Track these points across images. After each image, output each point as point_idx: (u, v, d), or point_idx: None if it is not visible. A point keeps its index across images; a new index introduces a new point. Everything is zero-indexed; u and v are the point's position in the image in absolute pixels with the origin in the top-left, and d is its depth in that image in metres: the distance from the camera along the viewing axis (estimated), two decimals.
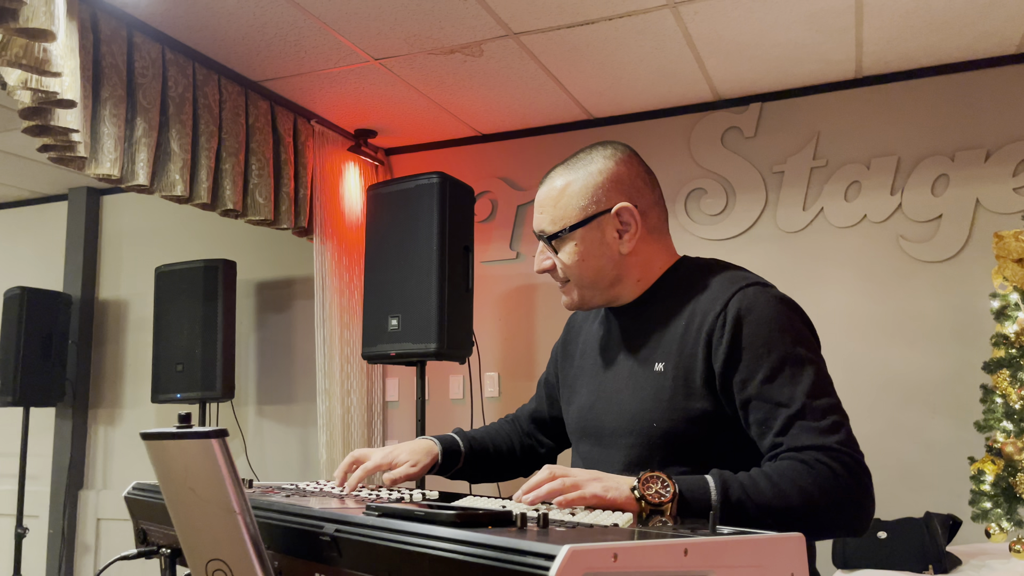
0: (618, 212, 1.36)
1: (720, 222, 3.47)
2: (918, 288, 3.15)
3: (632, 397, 1.33)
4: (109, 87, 2.64)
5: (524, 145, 3.84)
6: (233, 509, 0.86)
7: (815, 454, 1.14)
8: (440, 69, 3.18)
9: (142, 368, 4.30)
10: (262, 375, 4.14)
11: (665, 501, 1.06)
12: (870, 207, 3.24)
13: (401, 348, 2.99)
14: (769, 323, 1.24)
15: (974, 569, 2.51)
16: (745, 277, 1.34)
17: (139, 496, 1.23)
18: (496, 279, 3.80)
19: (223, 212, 3.15)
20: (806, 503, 1.12)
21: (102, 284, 4.57)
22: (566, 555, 0.62)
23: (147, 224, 4.48)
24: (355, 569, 0.83)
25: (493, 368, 3.75)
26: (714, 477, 1.13)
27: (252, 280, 4.19)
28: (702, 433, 1.26)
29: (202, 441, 0.86)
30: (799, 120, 3.39)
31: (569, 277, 1.40)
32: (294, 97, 3.45)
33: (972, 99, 3.15)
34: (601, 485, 1.08)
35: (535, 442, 1.63)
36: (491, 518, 0.80)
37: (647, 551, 0.69)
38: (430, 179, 3.07)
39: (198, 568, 0.90)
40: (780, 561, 0.81)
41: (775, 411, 1.19)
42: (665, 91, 3.41)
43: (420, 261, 3.02)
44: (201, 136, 2.99)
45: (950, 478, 2.95)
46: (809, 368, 1.22)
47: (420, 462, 1.44)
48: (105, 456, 4.41)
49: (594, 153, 1.40)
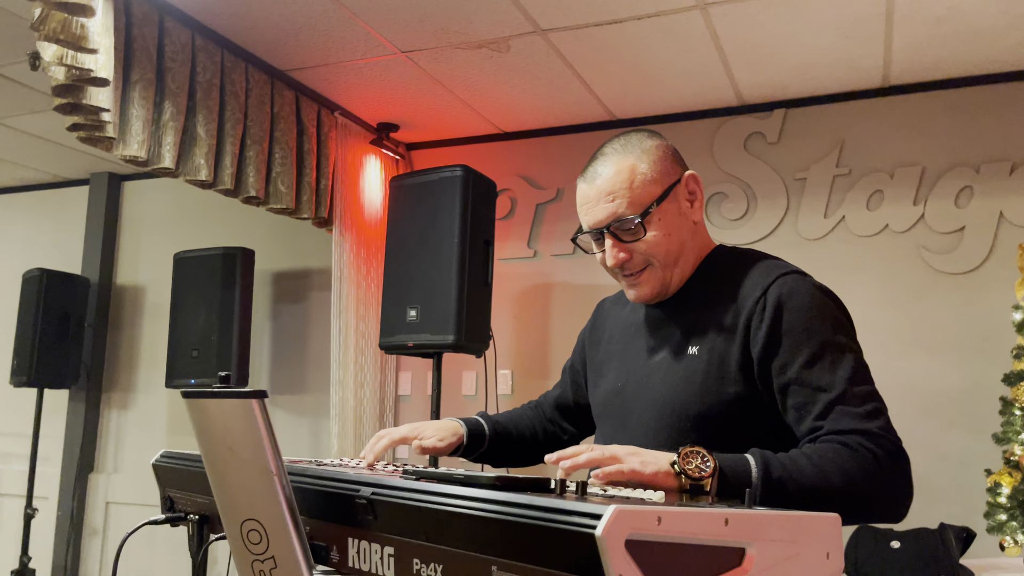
0: (686, 181, 1.38)
1: (740, 227, 3.46)
2: (939, 299, 3.13)
3: (663, 381, 1.32)
4: (139, 70, 2.66)
5: (545, 144, 3.84)
6: (270, 470, 0.87)
7: (857, 438, 1.14)
8: (466, 64, 3.19)
9: (157, 353, 4.32)
10: (275, 364, 4.15)
11: (706, 476, 1.05)
12: (892, 217, 3.23)
13: (419, 339, 2.99)
14: (809, 310, 1.24)
15: None
16: (784, 266, 1.34)
17: (167, 463, 1.24)
18: (513, 277, 3.81)
19: (245, 199, 3.16)
20: (848, 485, 1.11)
21: (120, 269, 4.59)
22: (612, 514, 0.63)
23: (167, 211, 4.51)
24: (390, 532, 0.83)
25: (507, 366, 3.75)
26: (754, 455, 1.13)
27: (269, 270, 4.21)
28: (734, 418, 1.26)
29: (243, 401, 0.86)
30: (823, 127, 3.38)
31: (654, 260, 1.35)
32: (319, 88, 3.47)
33: (999, 111, 3.14)
34: (639, 459, 1.07)
35: (558, 428, 1.63)
36: (531, 483, 0.81)
37: (689, 517, 0.69)
38: (453, 172, 3.08)
39: (233, 528, 0.90)
40: (816, 540, 0.81)
41: (815, 395, 1.19)
42: (690, 94, 3.41)
43: (440, 253, 3.03)
44: (227, 122, 3.01)
45: (965, 491, 2.93)
46: (849, 355, 1.22)
47: (446, 439, 1.44)
48: (117, 440, 4.43)
49: (632, 136, 1.40)
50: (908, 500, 1.16)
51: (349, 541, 0.89)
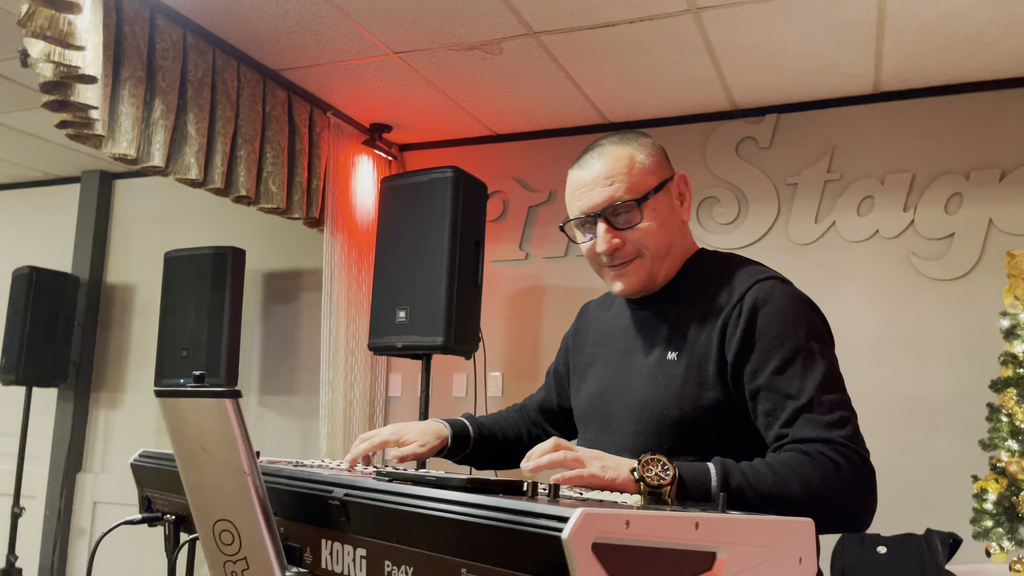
0: (678, 179, 1.39)
1: (731, 231, 3.46)
2: (928, 305, 3.14)
3: (644, 385, 1.32)
4: (129, 67, 2.65)
5: (538, 146, 3.84)
6: (243, 470, 0.86)
7: (819, 446, 1.14)
8: (459, 65, 3.19)
9: (146, 353, 4.30)
10: (265, 365, 4.14)
11: (664, 484, 1.05)
12: (882, 223, 3.23)
13: (408, 340, 2.98)
14: (784, 315, 1.24)
15: None
16: (763, 271, 1.34)
17: (145, 463, 1.23)
18: (504, 279, 3.80)
19: (236, 198, 3.15)
20: (806, 494, 1.11)
21: (110, 267, 4.58)
22: (579, 517, 0.62)
23: (158, 210, 4.49)
24: (362, 534, 0.83)
25: (497, 368, 3.75)
26: (715, 463, 1.13)
27: (259, 270, 4.20)
28: (713, 423, 1.26)
29: (216, 401, 0.86)
30: (815, 133, 3.39)
31: (645, 250, 1.34)
32: (311, 88, 3.47)
33: (989, 118, 3.15)
34: (601, 464, 1.07)
35: (542, 431, 1.63)
36: (502, 486, 0.80)
37: (658, 521, 0.69)
38: (444, 173, 3.08)
39: (205, 528, 0.90)
40: (789, 544, 0.80)
41: (783, 402, 1.19)
42: (683, 98, 3.42)
43: (431, 254, 3.03)
44: (218, 121, 3.00)
45: (952, 496, 2.93)
46: (820, 362, 1.21)
47: (428, 443, 1.44)
48: (105, 440, 4.41)
49: (627, 132, 1.41)
50: (870, 510, 1.16)
51: (322, 542, 0.89)
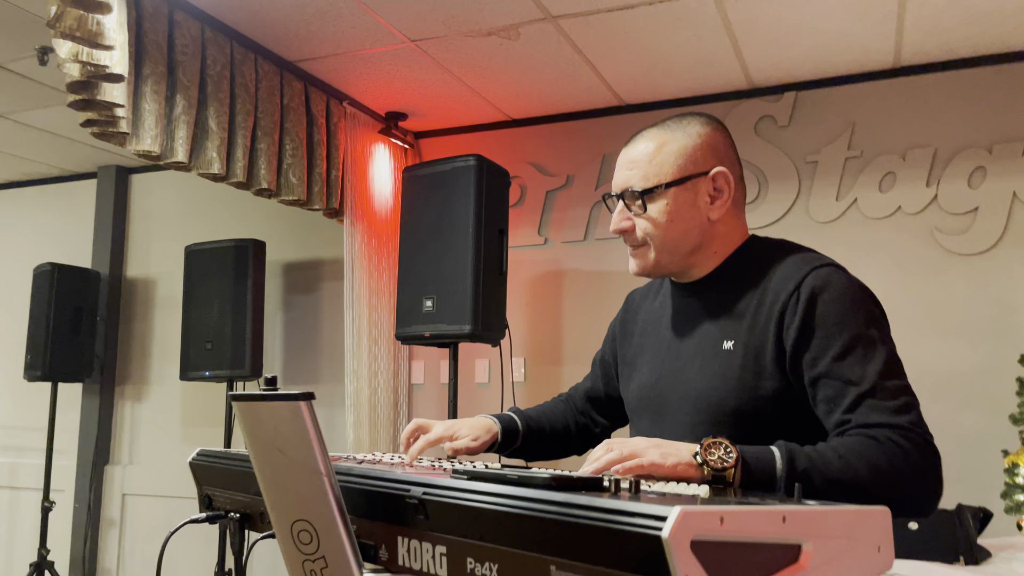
0: (714, 176, 1.36)
1: (752, 211, 3.45)
2: (952, 281, 3.13)
3: (699, 375, 1.32)
4: (151, 64, 2.65)
5: (555, 131, 3.83)
6: (319, 471, 0.87)
7: (886, 432, 1.14)
8: (476, 52, 3.18)
9: (169, 346, 4.33)
10: (289, 355, 4.16)
11: (728, 467, 1.05)
12: (905, 199, 3.22)
13: (435, 329, 3.00)
14: (842, 302, 1.24)
15: (1004, 562, 2.51)
16: (819, 258, 1.33)
17: (204, 462, 1.25)
18: (524, 264, 3.81)
19: (257, 191, 3.16)
20: (875, 479, 1.11)
21: (130, 262, 4.60)
22: (679, 516, 0.63)
23: (175, 203, 4.51)
24: (442, 532, 0.84)
25: (520, 353, 3.76)
26: (779, 447, 1.12)
27: (280, 261, 4.21)
28: (771, 412, 1.26)
29: (291, 403, 0.87)
30: (834, 110, 3.37)
31: (651, 239, 1.36)
32: (327, 78, 3.46)
33: (1011, 91, 3.12)
34: (660, 452, 1.08)
35: (590, 420, 1.64)
36: (584, 483, 0.81)
37: (750, 516, 0.70)
38: (467, 161, 3.07)
39: (283, 528, 0.91)
40: (868, 534, 0.81)
41: (845, 389, 1.19)
42: (700, 79, 3.40)
43: (455, 243, 3.03)
44: (238, 115, 3.00)
45: (981, 471, 2.94)
46: (881, 349, 1.22)
47: (480, 438, 1.45)
48: (132, 432, 4.45)
49: (690, 117, 1.40)
50: (937, 495, 1.16)
51: (398, 540, 0.90)
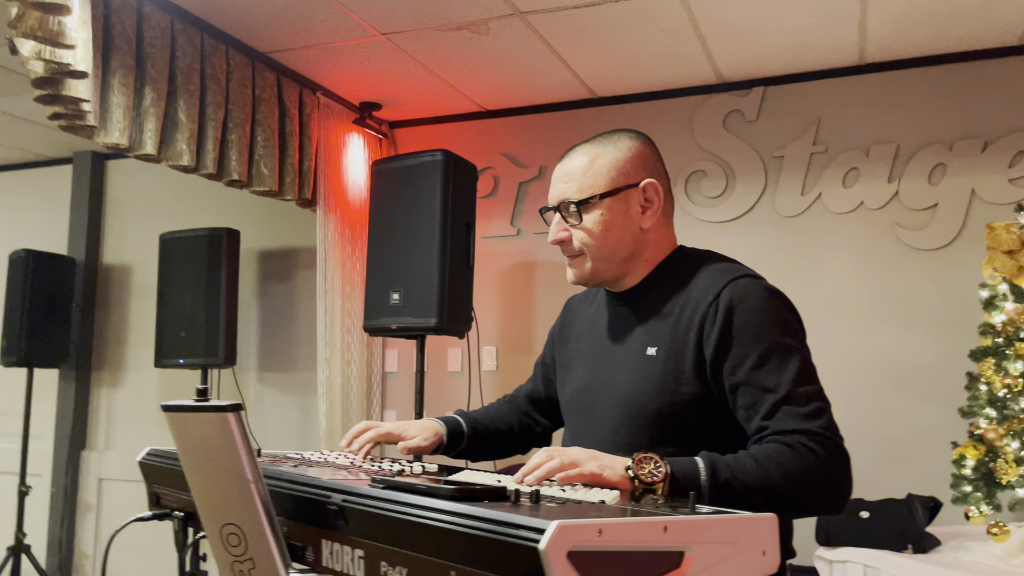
0: (644, 187, 1.43)
1: (719, 205, 3.51)
2: (912, 275, 3.20)
3: (626, 379, 1.39)
4: (119, 57, 2.67)
5: (528, 122, 3.87)
6: (247, 477, 0.92)
7: (799, 437, 1.21)
8: (447, 45, 3.21)
9: (145, 333, 4.36)
10: (264, 343, 4.21)
11: (657, 481, 1.12)
12: (868, 194, 3.28)
13: (402, 322, 3.05)
14: (759, 313, 1.30)
15: (952, 550, 2.59)
16: (738, 269, 1.40)
17: (153, 461, 1.29)
18: (496, 255, 3.85)
19: (228, 182, 3.19)
20: (789, 483, 1.19)
21: (106, 248, 4.62)
22: (555, 529, 0.69)
23: (151, 189, 4.52)
24: (360, 536, 0.89)
25: (491, 342, 3.82)
26: (703, 458, 1.20)
27: (255, 249, 4.24)
28: (690, 416, 1.33)
29: (219, 415, 0.92)
30: (801, 105, 3.42)
31: (587, 249, 1.43)
32: (300, 69, 3.48)
33: (972, 89, 3.18)
34: (598, 464, 1.14)
35: (532, 421, 1.70)
36: (488, 493, 0.87)
37: (629, 527, 0.75)
38: (434, 156, 3.11)
39: (213, 531, 0.96)
40: (753, 539, 0.87)
41: (762, 396, 1.26)
42: (670, 73, 3.44)
43: (423, 237, 3.07)
44: (208, 106, 3.02)
45: (934, 461, 3.02)
46: (795, 357, 1.28)
47: (429, 439, 1.52)
48: (108, 418, 4.49)
49: (619, 133, 1.47)
50: (846, 494, 1.24)
51: (323, 543, 0.95)
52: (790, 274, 3.34)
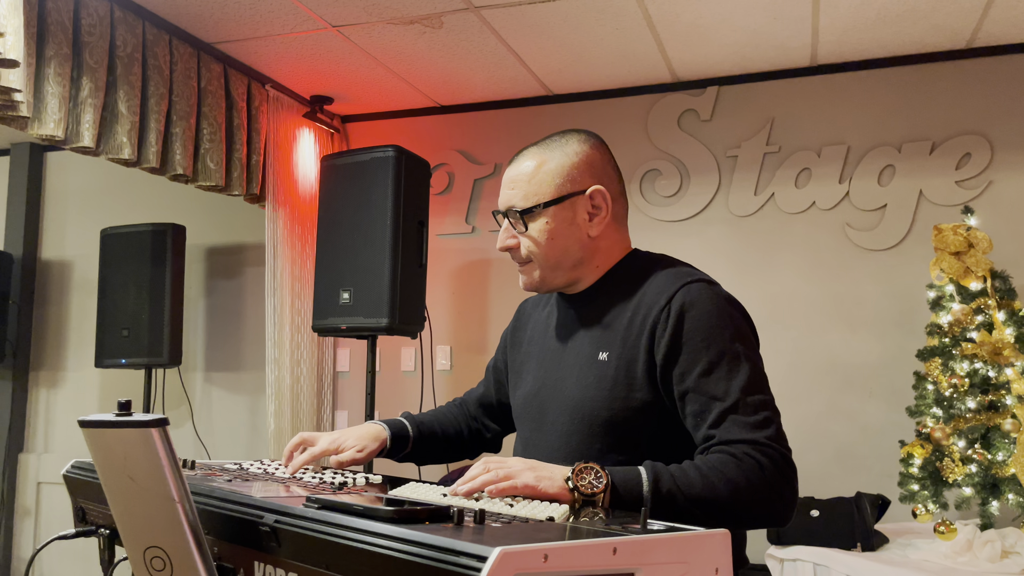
0: (591, 195, 1.40)
1: (673, 204, 3.50)
2: (861, 275, 3.24)
3: (575, 385, 1.35)
4: (54, 45, 2.56)
5: (483, 118, 3.82)
6: (172, 497, 0.87)
7: (744, 448, 1.19)
8: (399, 39, 3.14)
9: (86, 331, 4.21)
10: (211, 342, 4.09)
11: (598, 491, 1.09)
12: (819, 194, 3.31)
13: (352, 322, 2.98)
14: (710, 319, 1.28)
15: (900, 547, 2.63)
16: (691, 273, 1.37)
17: (78, 475, 1.22)
18: (451, 253, 3.80)
19: (172, 177, 3.09)
20: (732, 495, 1.16)
21: (45, 243, 4.45)
22: (497, 557, 0.65)
23: (94, 183, 4.37)
24: (294, 559, 0.84)
25: (445, 341, 3.77)
26: (647, 468, 1.17)
27: (202, 244, 4.12)
28: (642, 423, 1.30)
29: (142, 430, 0.86)
30: (754, 105, 3.43)
31: (534, 256, 1.40)
32: (249, 61, 3.38)
33: (921, 92, 3.22)
34: (534, 475, 1.11)
35: (482, 426, 1.66)
36: (428, 514, 0.82)
37: (577, 551, 0.72)
38: (385, 152, 3.05)
39: (136, 554, 0.90)
40: (705, 557, 0.84)
41: (710, 404, 1.23)
42: (624, 71, 3.42)
43: (373, 235, 3.01)
44: (151, 98, 2.92)
45: (882, 460, 3.06)
46: (746, 364, 1.25)
47: (367, 447, 1.46)
48: (47, 420, 4.33)
49: (569, 136, 1.43)
50: (791, 506, 1.22)
51: (255, 564, 0.90)
52: (743, 273, 3.35)
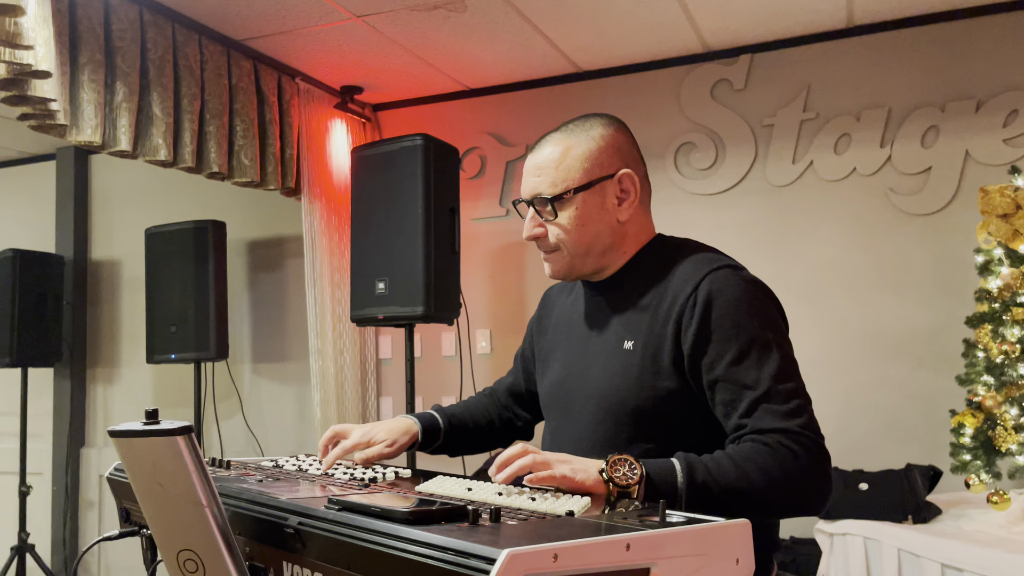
0: (620, 178, 1.37)
1: (709, 176, 3.45)
2: (906, 241, 3.15)
3: (601, 373, 1.35)
4: (87, 52, 2.61)
5: (513, 99, 3.80)
6: (201, 502, 0.89)
7: (778, 437, 1.17)
8: (424, 25, 3.14)
9: (137, 328, 4.33)
10: (256, 334, 4.17)
11: (632, 483, 1.08)
12: (860, 160, 3.22)
13: (389, 311, 3.01)
14: (738, 306, 1.25)
15: (953, 519, 2.57)
16: (717, 259, 1.34)
17: (120, 477, 1.26)
18: (486, 236, 3.80)
19: (209, 175, 3.14)
20: (768, 484, 1.15)
21: (94, 244, 4.57)
22: (505, 559, 0.65)
23: (137, 182, 4.46)
24: (318, 560, 0.86)
25: (485, 325, 3.78)
26: (680, 460, 1.16)
27: (244, 239, 4.19)
28: (669, 411, 1.28)
29: (168, 439, 0.88)
30: (789, 72, 3.35)
31: (563, 244, 1.38)
32: (277, 55, 3.41)
33: (963, 48, 3.10)
34: (570, 467, 1.11)
35: (512, 415, 1.66)
36: (445, 514, 0.83)
37: (588, 549, 0.72)
38: (414, 141, 3.05)
39: (169, 557, 0.93)
40: (725, 548, 0.84)
41: (741, 393, 1.21)
42: (654, 43, 3.36)
43: (406, 224, 3.02)
44: (183, 99, 2.96)
45: (933, 429, 2.99)
46: (776, 352, 1.23)
47: (398, 441, 1.47)
48: (105, 414, 4.48)
49: (591, 120, 1.40)
50: (827, 494, 1.20)
51: (284, 564, 0.92)
52: (784, 244, 3.29)
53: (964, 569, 2.24)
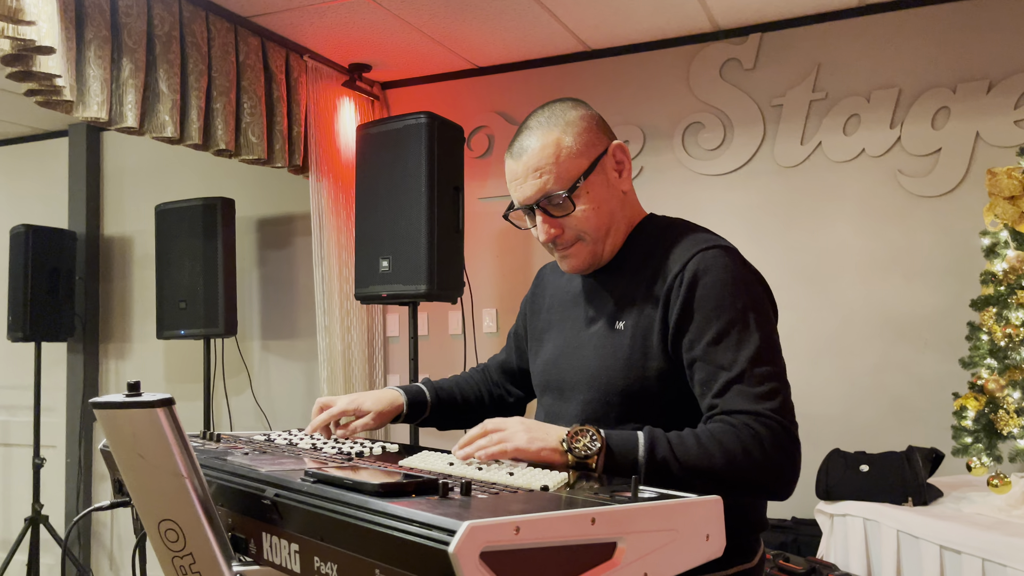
0: (612, 151, 1.37)
1: (717, 157, 3.42)
2: (915, 223, 3.13)
3: (593, 353, 1.35)
4: (93, 28, 2.62)
5: (522, 78, 3.78)
6: (180, 473, 0.91)
7: (744, 418, 1.17)
8: (431, 3, 3.12)
9: (148, 304, 4.37)
10: (265, 311, 4.21)
11: (591, 454, 1.09)
12: (869, 141, 3.19)
13: (392, 289, 3.02)
14: (723, 286, 1.25)
15: (954, 501, 2.57)
16: (708, 239, 1.34)
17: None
18: (493, 215, 3.80)
19: (216, 152, 3.15)
20: (728, 464, 1.14)
21: (106, 220, 4.61)
22: (465, 530, 0.66)
23: (149, 159, 4.49)
24: (294, 531, 0.88)
25: (491, 304, 3.79)
26: (645, 433, 1.16)
27: (253, 216, 4.22)
28: (659, 392, 1.28)
29: (148, 410, 0.89)
30: (799, 51, 3.31)
31: (584, 234, 1.36)
32: (285, 32, 3.41)
33: (976, 28, 3.06)
34: (528, 436, 1.11)
35: (504, 392, 1.67)
36: (416, 486, 0.84)
37: (551, 522, 0.72)
38: (418, 119, 3.05)
39: (151, 528, 0.95)
40: (695, 524, 0.84)
41: (716, 373, 1.21)
42: (663, 22, 3.33)
43: (409, 203, 3.03)
44: (190, 75, 2.97)
45: (938, 412, 2.98)
46: (756, 334, 1.22)
47: (384, 411, 1.48)
48: (117, 388, 4.53)
49: (557, 107, 1.39)
50: (790, 481, 1.19)
51: (263, 535, 0.94)
52: (791, 225, 3.28)
53: (962, 551, 2.24)
